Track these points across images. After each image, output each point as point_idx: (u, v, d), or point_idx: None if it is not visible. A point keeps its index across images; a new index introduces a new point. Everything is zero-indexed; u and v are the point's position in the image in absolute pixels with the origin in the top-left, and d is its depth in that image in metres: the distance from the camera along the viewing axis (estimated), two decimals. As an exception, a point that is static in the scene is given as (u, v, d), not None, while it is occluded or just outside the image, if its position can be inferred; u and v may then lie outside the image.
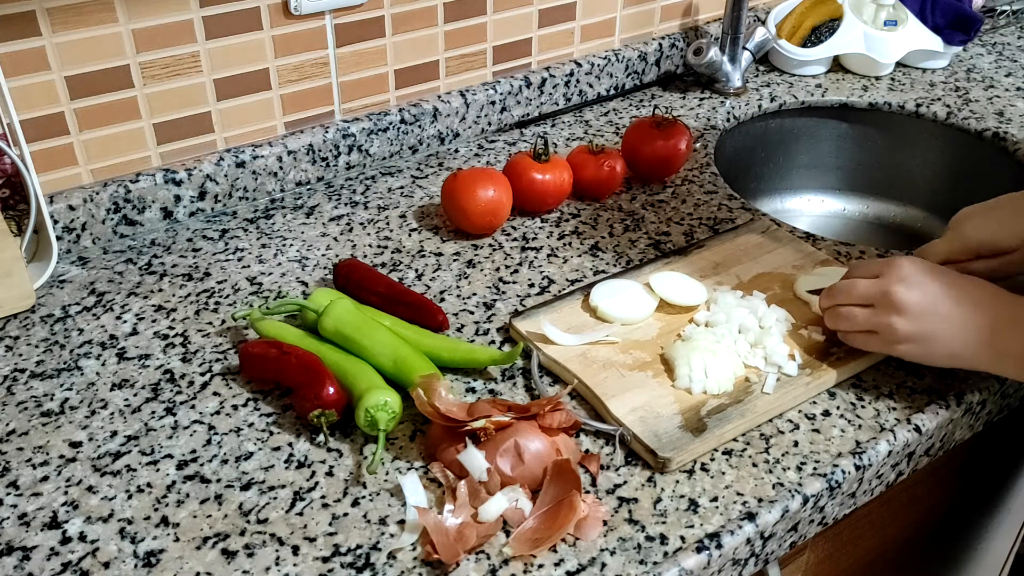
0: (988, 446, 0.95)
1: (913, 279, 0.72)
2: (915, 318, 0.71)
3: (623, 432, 0.70)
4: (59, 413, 0.74)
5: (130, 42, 0.90)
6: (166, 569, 0.61)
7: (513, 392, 0.76)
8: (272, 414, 0.74)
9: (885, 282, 0.73)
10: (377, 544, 0.63)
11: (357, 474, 0.68)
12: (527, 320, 0.81)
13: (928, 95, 1.25)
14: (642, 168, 1.04)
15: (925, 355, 0.73)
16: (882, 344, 0.74)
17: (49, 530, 0.64)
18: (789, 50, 1.29)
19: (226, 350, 0.81)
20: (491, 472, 0.65)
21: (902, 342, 0.73)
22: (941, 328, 0.71)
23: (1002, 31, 1.46)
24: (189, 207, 0.98)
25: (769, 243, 0.92)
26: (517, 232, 0.97)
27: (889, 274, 0.73)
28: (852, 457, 0.70)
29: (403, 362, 0.74)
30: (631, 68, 1.26)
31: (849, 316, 0.75)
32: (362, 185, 1.05)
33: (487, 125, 1.16)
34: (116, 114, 0.92)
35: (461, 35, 1.11)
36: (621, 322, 0.81)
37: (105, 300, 0.87)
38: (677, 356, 0.76)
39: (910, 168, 1.27)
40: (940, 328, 0.71)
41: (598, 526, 0.64)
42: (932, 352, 0.73)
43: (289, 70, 1.01)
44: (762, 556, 0.68)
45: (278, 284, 0.89)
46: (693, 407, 0.72)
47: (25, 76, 0.86)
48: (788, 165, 1.31)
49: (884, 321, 0.73)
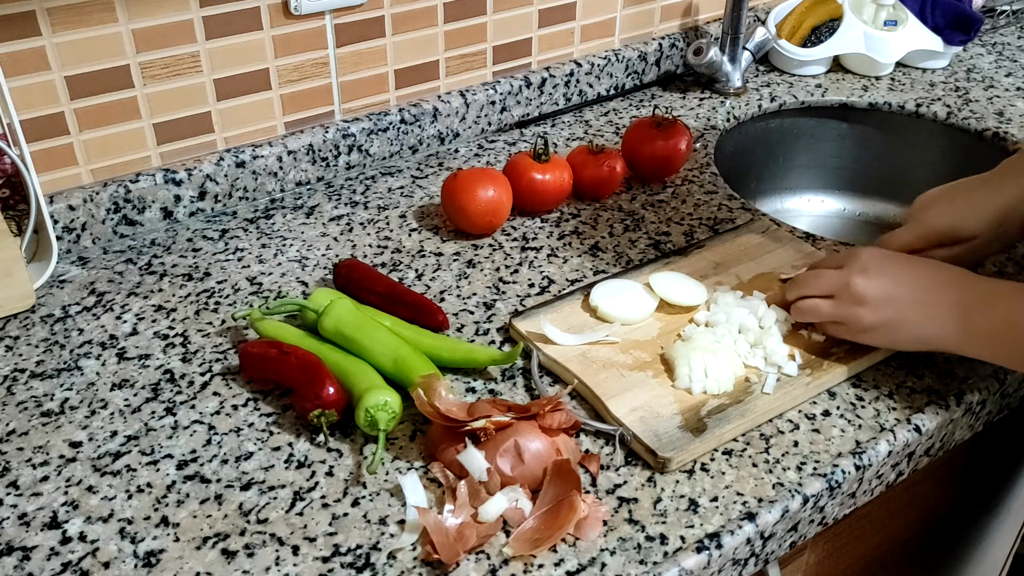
0: (988, 446, 0.95)
1: (873, 268, 0.73)
2: (878, 307, 0.73)
3: (623, 432, 0.70)
4: (59, 413, 0.74)
5: (130, 42, 0.90)
6: (166, 569, 0.61)
7: (513, 392, 0.76)
8: (272, 414, 0.74)
9: (846, 273, 0.74)
10: (377, 544, 0.63)
11: (357, 474, 0.68)
12: (527, 320, 0.81)
13: (928, 95, 1.25)
14: (642, 168, 1.04)
15: (893, 341, 0.74)
16: (849, 333, 0.76)
17: (49, 530, 0.64)
18: (789, 50, 1.29)
19: (226, 350, 0.81)
20: (491, 472, 0.65)
21: (868, 331, 0.74)
22: (907, 314, 0.72)
23: (1002, 31, 1.46)
24: (189, 207, 0.98)
25: (769, 243, 0.92)
26: (517, 232, 0.97)
27: (850, 265, 0.75)
28: (852, 457, 0.70)
29: (403, 362, 0.74)
30: (631, 68, 1.26)
31: (813, 309, 0.77)
32: (362, 185, 1.05)
33: (487, 125, 1.16)
34: (116, 114, 0.92)
35: (461, 35, 1.11)
36: (621, 322, 0.81)
37: (105, 300, 0.87)
38: (677, 356, 0.76)
39: (910, 168, 1.27)
40: (906, 314, 0.72)
41: (598, 526, 0.64)
42: (900, 337, 0.74)
43: (289, 70, 1.01)
44: (762, 556, 0.68)
45: (278, 284, 0.89)
46: (693, 407, 0.72)
47: (25, 76, 0.86)
48: (788, 165, 1.31)
49: (847, 312, 0.74)
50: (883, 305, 0.73)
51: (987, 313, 0.69)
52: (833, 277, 0.75)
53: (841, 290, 0.75)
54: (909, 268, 0.73)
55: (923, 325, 0.72)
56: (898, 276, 0.73)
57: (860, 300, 0.73)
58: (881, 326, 0.73)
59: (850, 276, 0.74)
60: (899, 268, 0.73)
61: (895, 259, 0.74)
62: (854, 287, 0.73)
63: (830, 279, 0.76)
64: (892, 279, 0.73)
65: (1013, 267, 0.91)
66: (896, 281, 0.73)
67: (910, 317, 0.72)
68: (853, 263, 0.75)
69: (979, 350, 0.71)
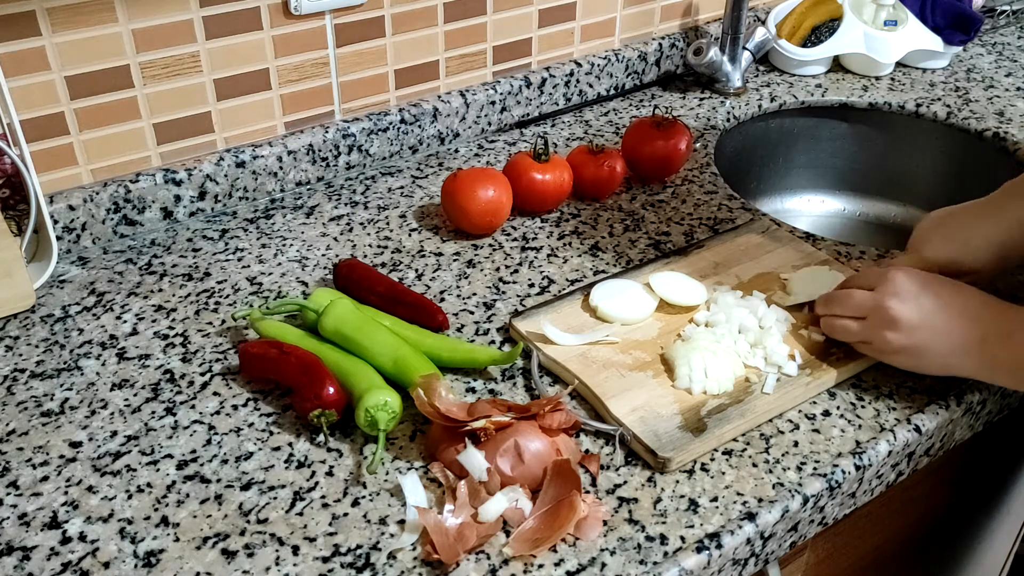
0: (988, 446, 0.95)
1: (906, 293, 0.73)
2: (908, 331, 0.73)
3: (623, 432, 0.70)
4: (59, 413, 0.74)
5: (130, 42, 0.90)
6: (166, 569, 0.61)
7: (513, 392, 0.76)
8: (272, 414, 0.74)
9: (879, 296, 0.74)
10: (377, 544, 0.63)
11: (357, 474, 0.68)
12: (527, 320, 0.81)
13: (928, 95, 1.25)
14: (642, 168, 1.04)
15: (918, 365, 0.75)
16: (877, 353, 0.76)
17: (49, 530, 0.64)
18: (789, 50, 1.29)
19: (226, 350, 0.81)
20: (491, 472, 0.65)
21: (896, 353, 0.74)
22: (934, 340, 0.73)
23: (1002, 31, 1.46)
24: (189, 207, 0.98)
25: (769, 243, 0.92)
26: (517, 232, 0.97)
27: (883, 288, 0.74)
28: (852, 457, 0.70)
29: (403, 362, 0.74)
30: (631, 68, 1.26)
31: (844, 329, 0.77)
32: (362, 185, 1.05)
33: (487, 125, 1.16)
34: (116, 114, 0.92)
35: (461, 35, 1.11)
36: (621, 322, 0.81)
37: (105, 300, 0.87)
38: (677, 356, 0.76)
39: (910, 168, 1.27)
40: (932, 340, 0.73)
41: (598, 526, 0.64)
42: (925, 362, 0.74)
43: (289, 70, 1.01)
44: (762, 556, 0.68)
45: (278, 284, 0.89)
46: (693, 407, 0.72)
47: (25, 76, 0.86)
48: (788, 165, 1.31)
49: (878, 334, 0.74)
50: (913, 330, 0.73)
51: (1006, 344, 0.70)
52: (866, 299, 0.75)
53: (873, 311, 0.74)
54: (939, 296, 0.73)
55: (947, 355, 0.73)
56: (929, 303, 0.73)
57: (892, 324, 0.73)
58: (909, 350, 0.73)
59: (883, 299, 0.73)
60: (930, 295, 0.73)
61: (928, 282, 0.74)
62: (887, 310, 0.73)
63: (862, 300, 0.75)
64: (924, 305, 0.73)
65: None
66: (927, 308, 0.73)
67: (935, 346, 0.73)
68: (887, 286, 0.74)
69: (1002, 380, 0.73)
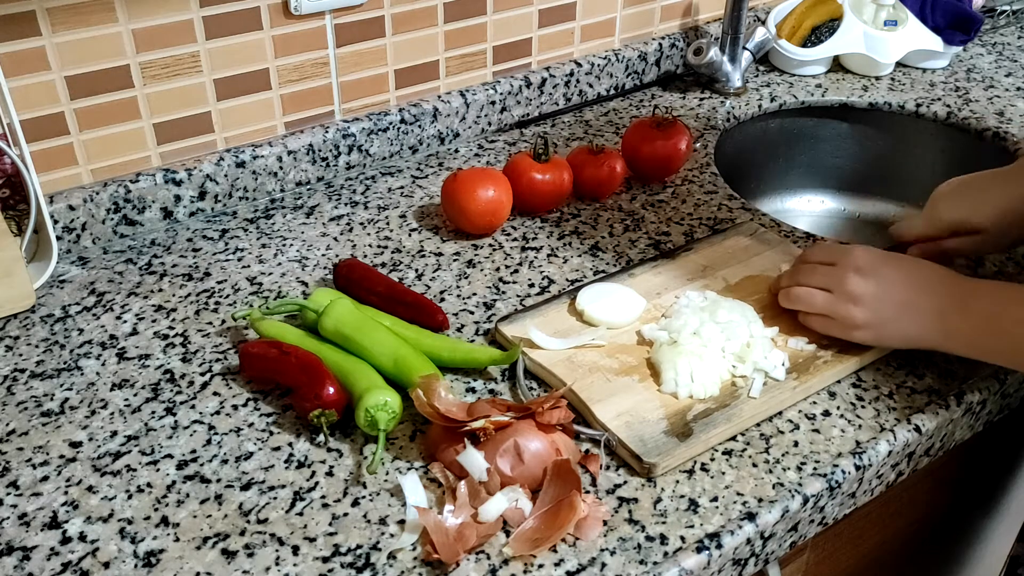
0: (988, 446, 0.95)
1: (868, 268, 0.75)
2: (870, 306, 0.75)
3: (608, 437, 0.70)
4: (59, 413, 0.74)
5: (130, 42, 0.90)
6: (166, 569, 0.61)
7: (513, 392, 0.76)
8: (272, 414, 0.74)
9: (841, 271, 0.76)
10: (377, 544, 0.63)
11: (357, 474, 0.68)
12: (513, 324, 0.81)
13: (928, 95, 1.25)
14: (642, 168, 1.04)
15: (880, 339, 0.76)
16: (839, 330, 0.77)
17: (49, 530, 0.64)
18: (789, 50, 1.29)
19: (226, 350, 0.81)
20: (491, 472, 0.65)
21: (858, 328, 0.76)
22: (895, 313, 0.74)
23: (1002, 31, 1.46)
24: (189, 207, 0.98)
25: (757, 246, 0.92)
26: (517, 232, 0.97)
27: (845, 263, 0.76)
28: (852, 457, 0.70)
29: (403, 362, 0.74)
30: (631, 68, 1.26)
31: (808, 297, 0.78)
32: (362, 185, 1.05)
33: (487, 125, 1.16)
34: (116, 114, 0.92)
35: (461, 35, 1.11)
36: (607, 326, 0.80)
37: (105, 300, 0.87)
38: (663, 360, 0.75)
39: (910, 168, 1.27)
40: (894, 314, 0.74)
41: (598, 526, 0.64)
42: (887, 335, 0.76)
43: (289, 70, 1.01)
44: (762, 556, 0.68)
45: (278, 284, 0.89)
46: (679, 412, 0.72)
47: (25, 76, 0.86)
48: (788, 165, 1.31)
49: (841, 309, 0.76)
50: (875, 305, 0.75)
51: (963, 315, 0.72)
52: (828, 273, 0.77)
53: (836, 287, 0.76)
54: (898, 269, 0.75)
55: (907, 326, 0.74)
56: (889, 277, 0.75)
57: (855, 299, 0.75)
58: (871, 324, 0.75)
59: (845, 273, 0.75)
60: (890, 269, 0.75)
61: (886, 259, 0.76)
62: (849, 285, 0.75)
63: (825, 275, 0.77)
64: (883, 280, 0.75)
65: (1013, 267, 0.91)
66: (887, 282, 0.75)
67: (895, 318, 0.74)
68: (848, 261, 0.76)
69: (959, 347, 0.74)
